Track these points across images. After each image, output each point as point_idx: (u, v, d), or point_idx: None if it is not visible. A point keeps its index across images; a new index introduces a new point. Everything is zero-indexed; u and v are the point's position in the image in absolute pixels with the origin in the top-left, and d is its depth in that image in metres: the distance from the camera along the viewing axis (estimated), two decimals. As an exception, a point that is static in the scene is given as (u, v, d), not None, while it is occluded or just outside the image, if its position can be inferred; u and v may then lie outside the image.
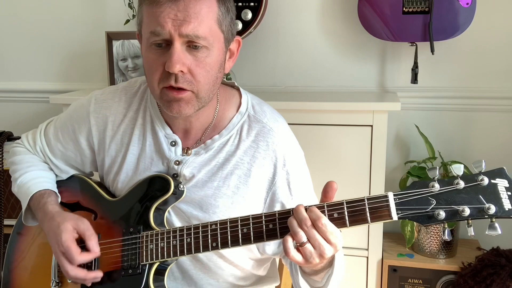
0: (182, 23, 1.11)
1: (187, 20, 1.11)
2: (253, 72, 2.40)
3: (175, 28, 1.11)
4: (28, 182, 1.39)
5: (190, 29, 1.12)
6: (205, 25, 1.14)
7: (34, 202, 1.36)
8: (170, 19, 1.11)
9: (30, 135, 1.49)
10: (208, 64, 1.17)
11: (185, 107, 1.19)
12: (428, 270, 2.10)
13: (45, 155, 1.44)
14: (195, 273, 1.36)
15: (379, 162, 2.01)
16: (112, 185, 1.39)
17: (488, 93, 2.23)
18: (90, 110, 1.37)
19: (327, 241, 1.02)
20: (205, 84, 1.18)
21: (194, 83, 1.16)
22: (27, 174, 1.41)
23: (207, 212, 1.28)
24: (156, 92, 1.20)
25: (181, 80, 1.15)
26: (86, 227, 1.26)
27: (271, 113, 1.34)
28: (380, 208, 1.02)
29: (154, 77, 1.18)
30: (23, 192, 1.39)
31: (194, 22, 1.12)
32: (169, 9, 1.11)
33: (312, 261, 1.03)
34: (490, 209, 0.95)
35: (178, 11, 1.11)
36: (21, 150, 1.48)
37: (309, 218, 1.02)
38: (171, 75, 1.14)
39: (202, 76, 1.16)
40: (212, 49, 1.16)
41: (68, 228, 1.24)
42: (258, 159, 1.28)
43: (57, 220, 1.27)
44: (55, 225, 1.26)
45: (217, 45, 1.18)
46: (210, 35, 1.15)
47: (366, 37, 2.20)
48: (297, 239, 1.02)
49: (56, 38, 2.63)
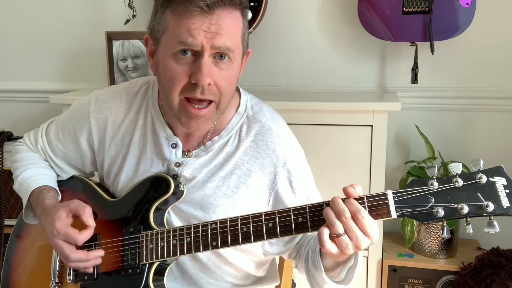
0: (214, 36, 1.11)
1: (219, 33, 1.12)
2: (253, 72, 2.40)
3: (207, 40, 1.11)
4: (29, 178, 1.39)
5: (222, 42, 1.12)
6: (234, 38, 1.15)
7: (33, 198, 1.36)
8: (202, 31, 1.11)
9: (32, 134, 1.49)
10: (231, 76, 1.18)
11: (204, 124, 1.20)
12: (428, 270, 2.10)
13: (46, 154, 1.45)
14: (194, 272, 1.36)
15: (379, 162, 2.01)
16: (112, 186, 1.39)
17: (488, 93, 2.23)
18: (91, 110, 1.37)
19: (364, 234, 1.02)
20: (226, 95, 1.19)
21: (218, 94, 1.17)
22: (28, 171, 1.41)
23: (207, 212, 1.28)
24: (175, 102, 1.18)
25: (207, 92, 1.15)
26: (77, 203, 1.26)
27: (270, 113, 1.34)
28: (379, 206, 1.02)
29: (176, 86, 1.16)
30: (23, 188, 1.39)
31: (226, 35, 1.12)
32: (201, 21, 1.11)
33: (347, 252, 1.03)
34: (488, 206, 0.96)
35: (210, 23, 1.11)
36: (23, 148, 1.48)
37: (349, 210, 1.02)
38: (198, 87, 1.14)
39: (226, 88, 1.17)
40: (235, 61, 1.18)
41: (61, 216, 1.24)
42: (258, 159, 1.28)
43: (51, 212, 1.27)
44: (50, 217, 1.27)
45: (238, 58, 1.19)
46: (236, 48, 1.16)
47: (366, 37, 2.20)
48: (334, 230, 1.02)
49: (56, 38, 2.63)
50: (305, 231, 1.10)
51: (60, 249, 1.25)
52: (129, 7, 2.38)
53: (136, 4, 2.40)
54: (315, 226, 1.07)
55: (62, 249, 1.24)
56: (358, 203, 1.03)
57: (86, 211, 1.24)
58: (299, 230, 1.09)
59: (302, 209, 1.09)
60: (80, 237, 1.23)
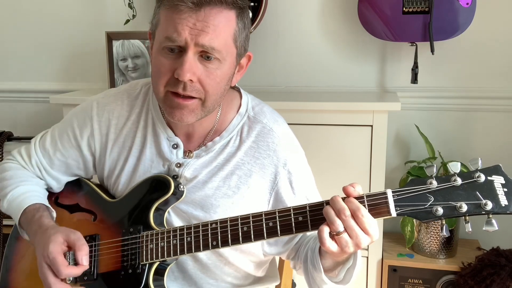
0: (199, 33, 1.11)
1: (205, 31, 1.11)
2: (253, 72, 2.39)
3: (191, 37, 1.11)
4: (21, 195, 1.35)
5: (206, 40, 1.12)
6: (222, 38, 1.14)
7: (27, 215, 1.31)
8: (188, 27, 1.11)
9: (23, 151, 1.44)
10: (218, 76, 1.17)
11: (187, 115, 1.19)
12: (428, 270, 2.10)
13: (42, 168, 1.41)
14: (194, 272, 1.36)
15: (379, 162, 2.01)
16: (113, 187, 1.38)
17: (488, 93, 2.24)
18: (93, 114, 1.36)
19: (364, 232, 1.02)
20: (212, 95, 1.18)
21: (202, 92, 1.17)
22: (19, 188, 1.36)
23: (208, 212, 1.29)
24: (160, 95, 1.19)
25: (189, 89, 1.15)
26: (77, 237, 1.21)
27: (270, 114, 1.34)
28: (379, 205, 1.03)
29: (161, 80, 1.17)
30: (14, 206, 1.34)
31: (212, 34, 1.12)
32: (189, 17, 1.11)
33: (347, 250, 1.03)
34: (487, 205, 0.97)
35: (197, 20, 1.11)
36: (12, 166, 1.43)
37: (348, 208, 1.02)
38: (180, 82, 1.14)
39: (211, 87, 1.17)
40: (224, 62, 1.17)
41: (57, 240, 1.19)
42: (259, 159, 1.28)
43: (49, 232, 1.22)
44: (45, 237, 1.21)
45: (229, 59, 1.18)
46: (224, 49, 1.15)
47: (366, 37, 2.20)
48: (334, 228, 1.02)
49: (56, 38, 2.63)
50: (305, 230, 1.10)
51: (43, 275, 1.20)
52: (129, 7, 2.38)
53: (136, 4, 2.40)
54: (315, 225, 1.07)
55: (45, 277, 1.19)
56: (357, 202, 1.03)
57: (83, 248, 1.19)
58: (299, 229, 1.09)
59: (302, 208, 1.09)
60: (65, 271, 1.17)
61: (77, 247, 1.19)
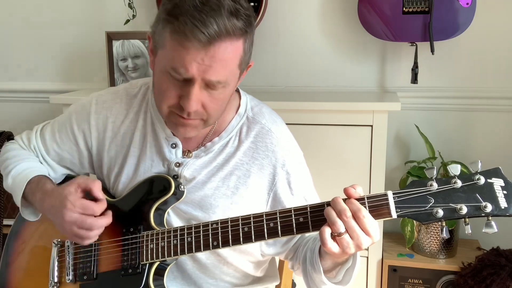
0: (207, 69, 1.09)
1: (213, 67, 1.09)
2: (253, 72, 2.37)
3: (199, 73, 1.09)
4: (24, 170, 1.36)
5: (214, 76, 1.10)
6: (228, 70, 1.12)
7: (31, 186, 1.33)
8: (196, 62, 1.08)
9: (24, 135, 1.47)
10: (222, 99, 1.18)
11: (190, 131, 1.20)
12: (428, 270, 2.10)
13: (39, 153, 1.43)
14: (193, 272, 1.36)
15: (379, 162, 2.01)
16: (112, 187, 1.39)
17: (488, 93, 2.24)
18: (91, 111, 1.37)
19: (365, 233, 1.03)
20: (214, 115, 1.20)
21: (205, 115, 1.17)
22: (22, 164, 1.38)
23: (207, 213, 1.29)
24: (164, 112, 1.19)
25: (193, 116, 1.15)
26: (84, 178, 1.24)
27: (269, 114, 1.35)
28: (380, 207, 1.03)
29: (166, 101, 1.16)
30: (18, 180, 1.35)
31: (219, 69, 1.10)
32: (197, 52, 1.07)
33: (348, 251, 1.04)
34: (486, 207, 0.97)
35: (205, 55, 1.07)
36: (15, 147, 1.46)
37: (349, 209, 1.03)
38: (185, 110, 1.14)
39: (214, 110, 1.17)
40: (228, 86, 1.16)
41: (71, 191, 1.21)
42: (258, 160, 1.29)
43: (57, 192, 1.25)
44: (56, 196, 1.24)
45: (233, 83, 1.18)
46: (230, 77, 1.14)
47: (366, 37, 2.20)
48: (335, 229, 1.03)
49: (56, 38, 2.63)
50: (306, 231, 1.10)
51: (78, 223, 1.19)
52: (129, 7, 2.38)
53: (136, 4, 2.40)
54: (316, 226, 1.07)
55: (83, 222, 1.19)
56: (358, 203, 1.03)
57: (96, 184, 1.22)
58: (300, 230, 1.10)
59: (303, 209, 1.09)
60: (98, 207, 1.21)
61: (90, 186, 1.22)
